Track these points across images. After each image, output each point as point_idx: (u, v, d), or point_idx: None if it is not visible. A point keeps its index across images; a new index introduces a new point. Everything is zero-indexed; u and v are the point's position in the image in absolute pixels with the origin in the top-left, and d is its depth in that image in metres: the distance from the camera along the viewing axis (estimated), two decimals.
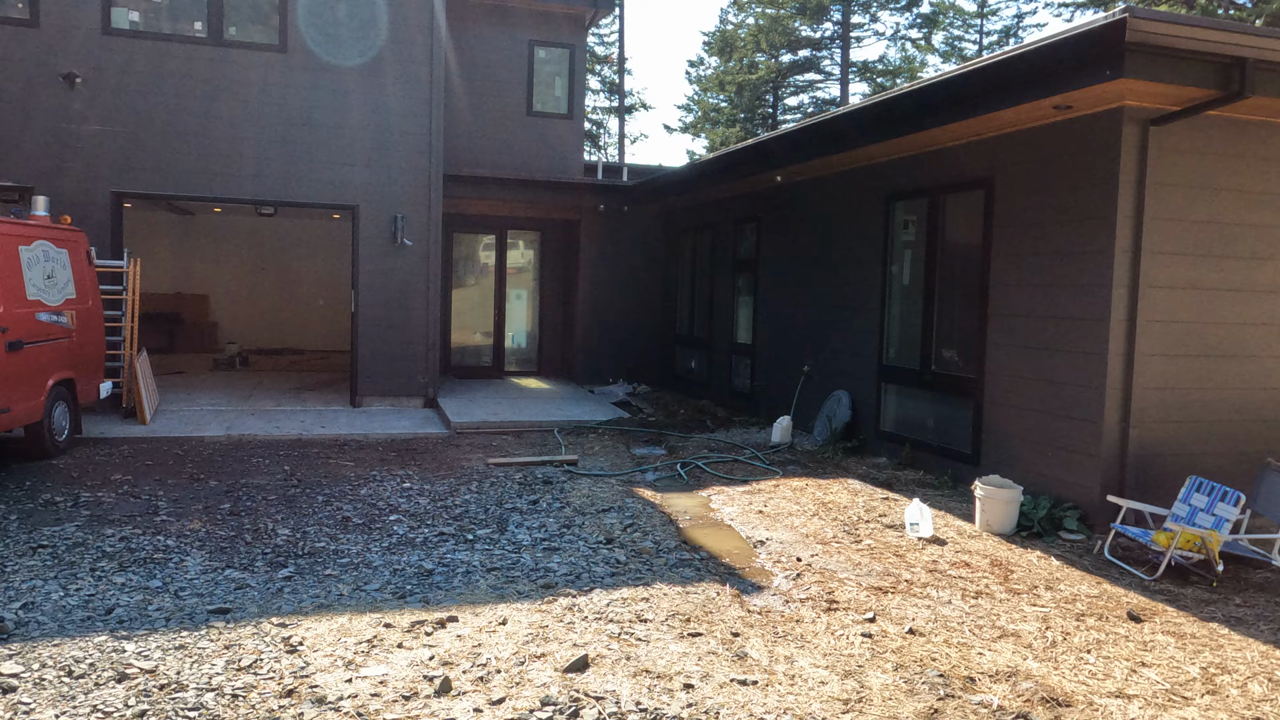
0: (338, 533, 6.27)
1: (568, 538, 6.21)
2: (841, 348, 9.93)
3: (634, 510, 6.98)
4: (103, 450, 9.06)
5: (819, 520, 6.86)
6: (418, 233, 12.38)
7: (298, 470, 8.37)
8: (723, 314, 12.89)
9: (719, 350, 13.02)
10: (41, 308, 8.40)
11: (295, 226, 18.98)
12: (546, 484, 7.96)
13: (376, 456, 9.20)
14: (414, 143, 12.28)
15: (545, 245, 15.85)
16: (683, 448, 9.75)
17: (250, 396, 12.73)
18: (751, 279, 12.11)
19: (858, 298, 9.60)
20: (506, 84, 15.39)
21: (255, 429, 10.36)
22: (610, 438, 10.37)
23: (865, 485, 8.05)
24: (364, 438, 10.34)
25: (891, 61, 45.50)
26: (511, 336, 16.05)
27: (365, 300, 12.25)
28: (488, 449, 9.65)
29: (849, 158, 9.25)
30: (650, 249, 15.24)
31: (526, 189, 14.03)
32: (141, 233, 17.52)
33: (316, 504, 7.09)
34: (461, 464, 8.82)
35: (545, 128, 15.66)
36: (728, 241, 12.75)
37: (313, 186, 11.92)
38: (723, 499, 7.56)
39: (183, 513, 6.73)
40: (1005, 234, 7.53)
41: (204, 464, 8.54)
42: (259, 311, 18.93)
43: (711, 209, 13.27)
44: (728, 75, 45.48)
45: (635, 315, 15.20)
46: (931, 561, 5.91)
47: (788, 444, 9.87)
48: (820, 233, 10.39)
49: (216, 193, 11.65)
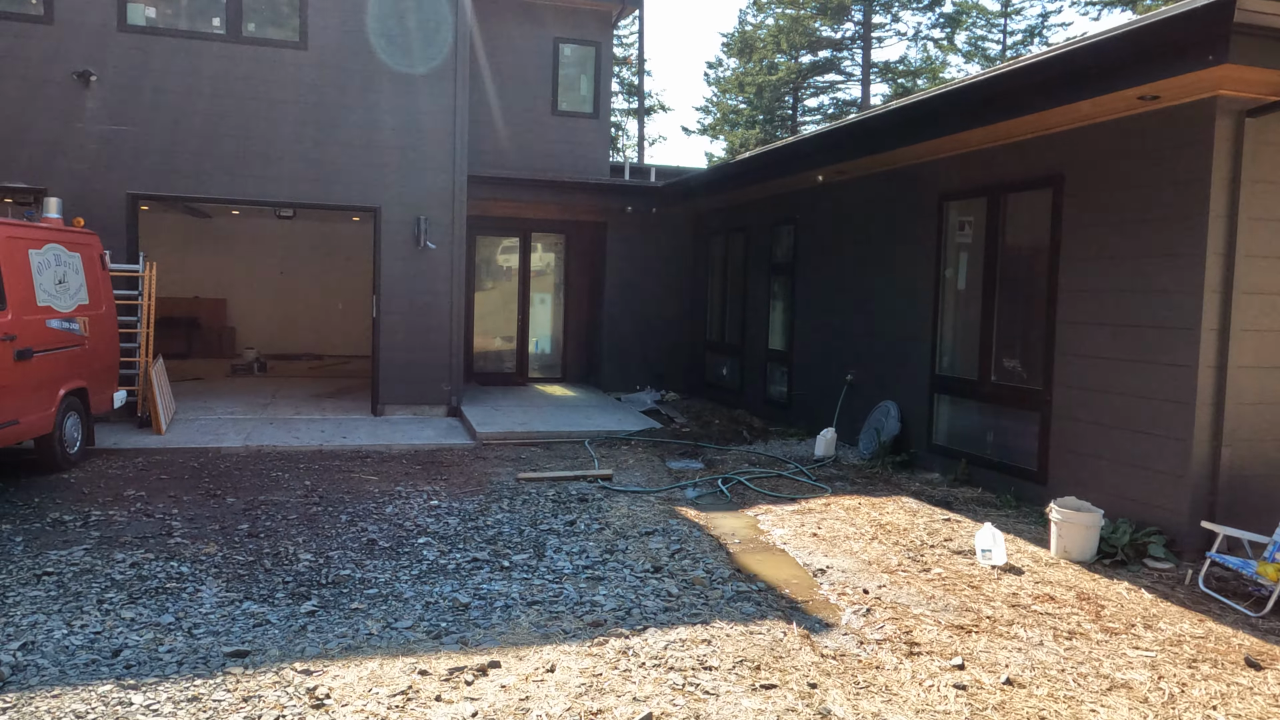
0: (363, 558, 5.82)
1: (611, 565, 5.73)
2: (888, 356, 9.41)
3: (679, 533, 6.48)
4: (116, 463, 8.67)
5: (879, 545, 6.35)
6: (441, 235, 11.95)
7: (319, 485, 7.94)
8: (756, 320, 12.39)
9: (752, 357, 12.52)
10: (52, 314, 8.02)
11: (314, 229, 18.63)
12: (582, 502, 7.48)
13: (401, 470, 8.76)
14: (438, 142, 11.86)
15: (570, 248, 15.40)
16: (721, 461, 9.25)
17: (269, 404, 12.34)
18: (788, 283, 11.61)
19: (907, 304, 9.08)
20: (531, 82, 14.97)
21: (274, 439, 9.95)
22: (644, 450, 9.89)
23: (922, 504, 7.52)
24: (386, 449, 9.91)
25: (912, 62, 44.83)
26: (535, 342, 15.60)
27: (387, 305, 11.83)
28: (516, 462, 9.19)
29: (897, 156, 8.74)
30: (678, 252, 14.76)
31: (552, 190, 13.59)
32: (159, 236, 17.22)
33: (340, 524, 6.65)
34: (490, 479, 8.37)
35: (570, 127, 15.23)
36: (762, 244, 12.25)
37: (333, 188, 11.53)
38: (771, 519, 7.06)
39: (198, 534, 6.30)
40: (1077, 235, 7.00)
41: (221, 478, 8.13)
42: (277, 316, 18.60)
43: (744, 211, 12.78)
44: (747, 76, 44.97)
45: (663, 320, 14.72)
46: (1011, 594, 5.38)
47: (832, 458, 9.35)
48: (864, 235, 9.88)
49: (235, 194, 11.27)
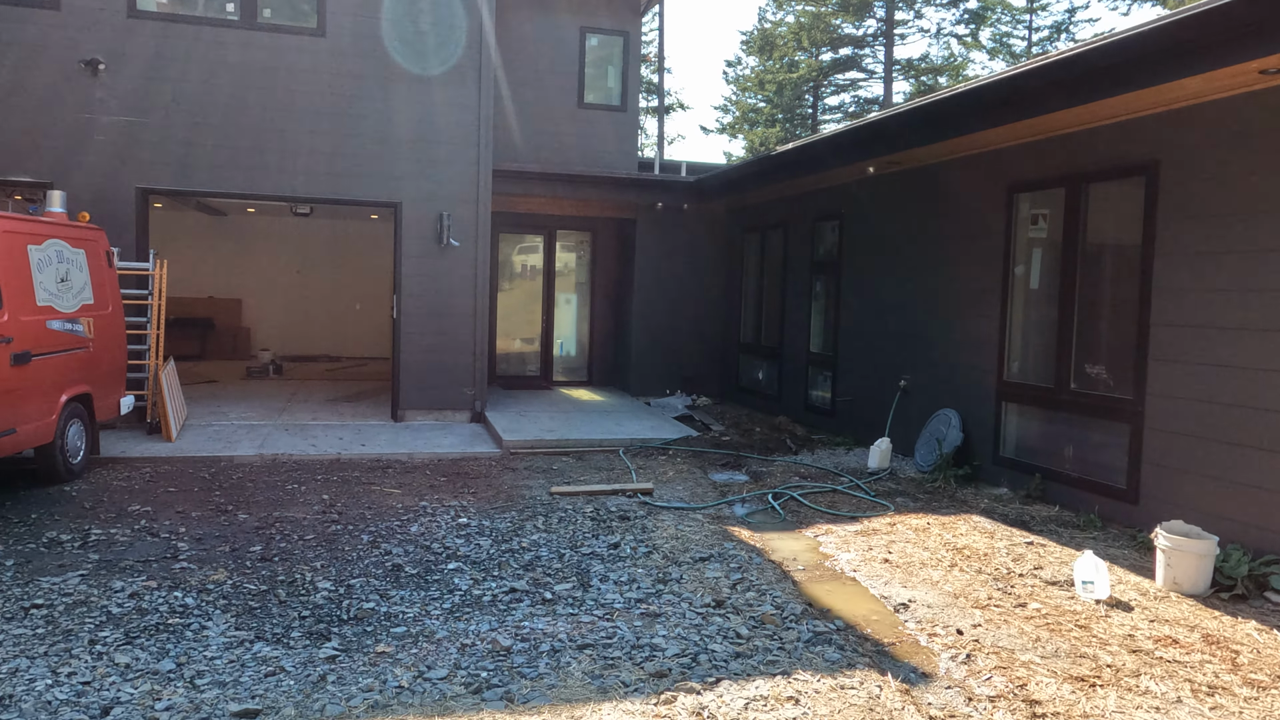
0: (388, 587, 5.21)
1: (667, 597, 5.09)
2: (947, 360, 8.73)
3: (738, 559, 5.83)
4: (122, 473, 8.11)
5: (960, 573, 5.68)
6: (465, 232, 11.36)
7: (338, 500, 7.35)
8: (796, 321, 11.72)
9: (792, 361, 11.85)
10: (54, 315, 7.47)
11: (331, 227, 18.11)
12: (624, 520, 6.85)
13: (425, 482, 8.16)
14: (461, 135, 11.27)
15: (596, 247, 14.78)
16: (768, 474, 8.60)
17: (284, 409, 11.79)
18: (832, 282, 10.94)
19: (971, 304, 8.40)
20: (556, 74, 14.36)
21: (290, 447, 9.38)
22: (682, 460, 9.24)
23: (996, 524, 6.85)
24: (408, 458, 9.32)
25: (935, 60, 44.01)
26: (560, 344, 14.99)
27: (408, 306, 11.25)
28: (547, 473, 8.57)
29: (961, 144, 8.07)
30: (711, 250, 14.11)
31: (579, 185, 12.97)
32: (172, 234, 16.74)
33: (361, 545, 6.05)
34: (521, 492, 7.75)
35: (597, 121, 14.62)
36: (803, 241, 11.59)
37: (353, 182, 10.95)
38: (834, 541, 6.40)
39: (206, 557, 5.72)
40: (1175, 228, 6.31)
41: (233, 491, 7.55)
42: (293, 317, 18.09)
43: (784, 206, 12.12)
44: (767, 74, 44.31)
45: (694, 322, 14.07)
46: (1127, 636, 4.71)
47: (887, 470, 8.68)
48: (920, 230, 9.20)
49: (249, 189, 10.72)
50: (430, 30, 11.09)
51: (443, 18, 11.12)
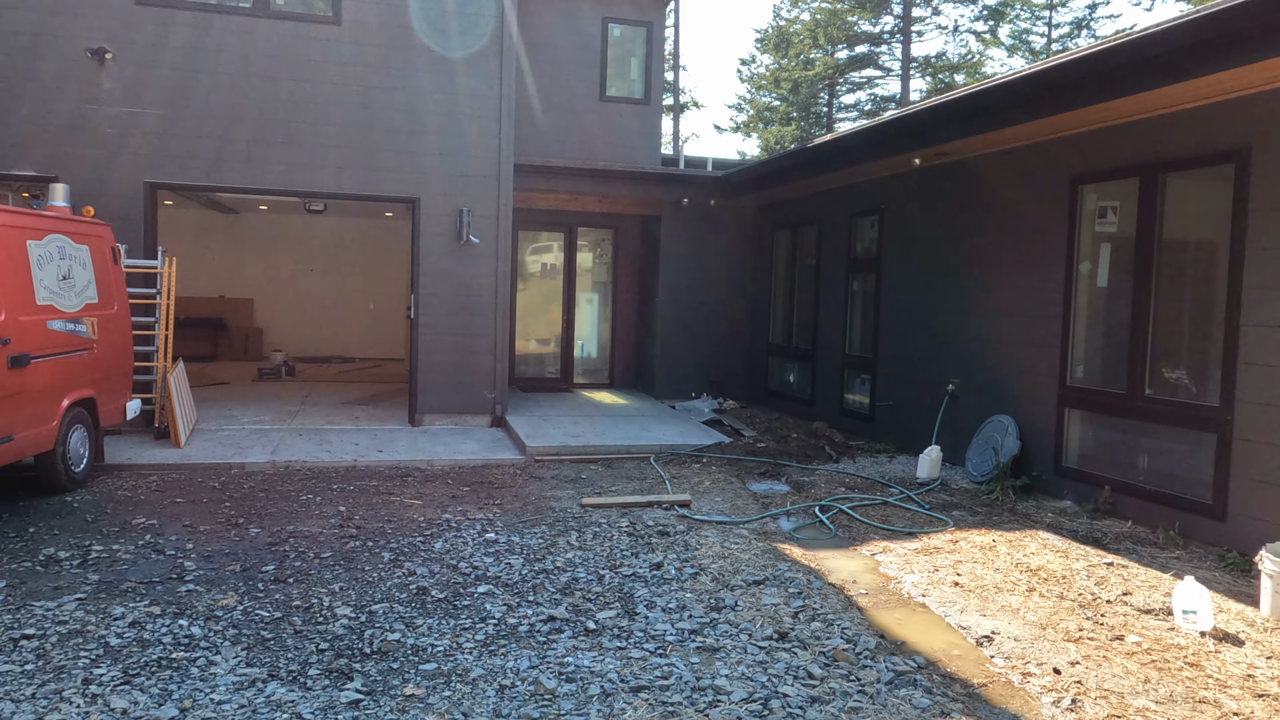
0: (414, 614, 4.73)
1: (723, 627, 4.59)
2: (1002, 364, 8.20)
3: (795, 582, 5.32)
4: (127, 482, 7.67)
5: (1041, 599, 5.15)
6: (485, 229, 10.89)
7: (356, 511, 6.88)
8: (832, 321, 11.20)
9: (827, 363, 11.33)
10: (54, 314, 7.02)
11: (345, 225, 17.69)
12: (663, 535, 6.35)
13: (446, 491, 7.68)
14: (481, 127, 10.80)
15: (619, 244, 14.29)
16: (810, 484, 8.08)
17: (298, 412, 11.34)
18: (871, 281, 10.41)
19: (1029, 304, 7.86)
20: (577, 66, 13.89)
21: (304, 453, 8.92)
22: (718, 468, 8.74)
23: (1067, 541, 6.31)
24: (428, 465, 8.85)
25: (951, 57, 43.40)
26: (580, 345, 14.50)
27: (426, 305, 10.78)
28: (576, 483, 8.08)
29: (1020, 132, 7.53)
30: (738, 248, 13.59)
31: (602, 180, 12.49)
32: (183, 233, 16.35)
33: (382, 564, 5.57)
34: (550, 504, 7.26)
35: (619, 114, 14.13)
36: (839, 238, 11.06)
37: (369, 177, 10.49)
38: (895, 561, 5.88)
39: (215, 578, 5.25)
40: (1269, 220, 5.76)
41: (244, 502, 7.09)
42: (306, 317, 17.68)
43: (818, 201, 11.59)
44: (783, 72, 43.79)
45: (720, 322, 13.56)
46: (1245, 677, 4.18)
47: (938, 480, 8.15)
48: (970, 225, 8.67)
49: (261, 184, 10.27)
50: (450, 17, 10.62)
51: (463, 4, 10.65)
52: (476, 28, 10.72)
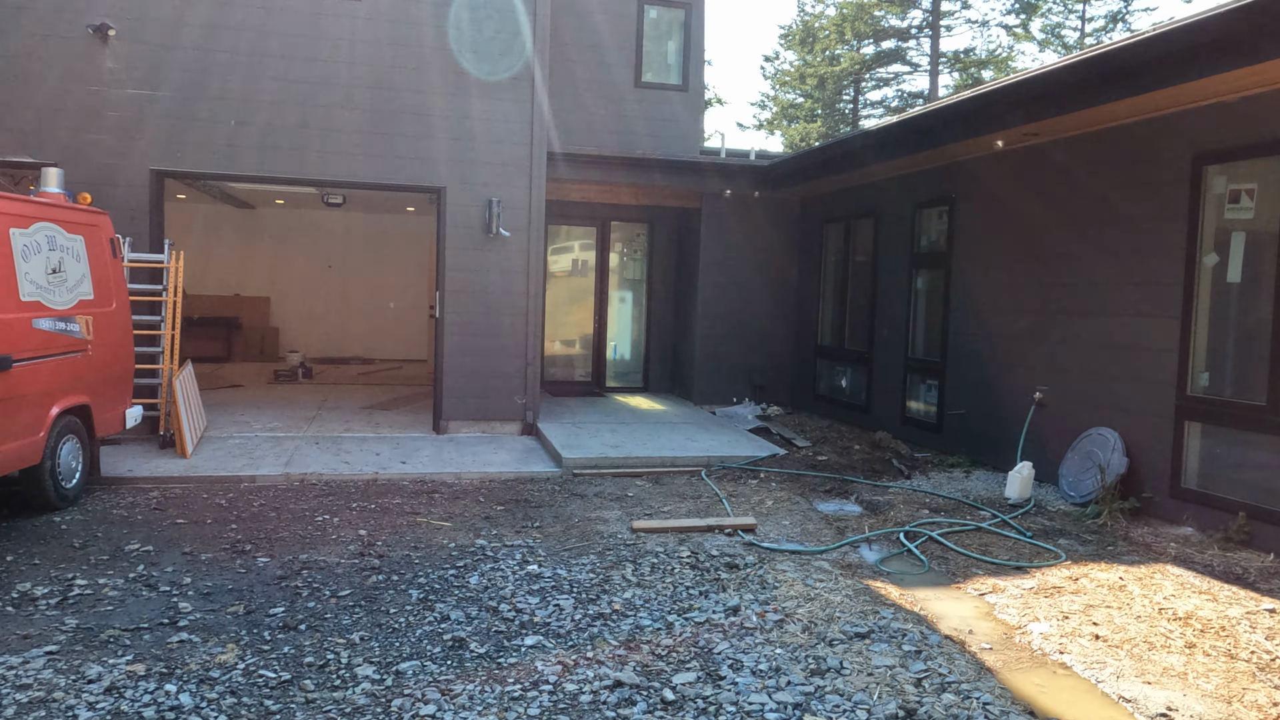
0: (451, 676, 3.88)
1: (832, 700, 3.71)
2: (1102, 369, 7.27)
3: (909, 636, 4.43)
4: (124, 498, 6.89)
5: (1205, 659, 4.24)
6: (516, 221, 10.07)
7: (378, 535, 6.06)
8: (892, 321, 10.28)
9: (885, 367, 10.41)
10: (42, 312, 6.25)
11: (365, 220, 16.94)
12: (732, 569, 5.49)
13: (478, 511, 6.85)
14: (512, 111, 9.98)
15: (655, 239, 13.42)
16: (886, 505, 7.18)
17: (314, 418, 10.56)
18: (939, 277, 9.49)
19: (1137, 302, 6.93)
20: (611, 50, 13.04)
21: (320, 465, 8.13)
22: (777, 485, 7.86)
23: (1204, 579, 5.39)
24: (456, 479, 8.03)
25: (979, 53, 42.30)
26: (614, 346, 13.65)
27: (452, 304, 9.97)
28: (622, 501, 7.23)
29: (1135, 105, 6.59)
30: (783, 243, 12.69)
31: (640, 170, 11.64)
32: (197, 228, 15.66)
33: (409, 606, 4.74)
34: (595, 527, 6.41)
35: (656, 101, 13.28)
36: (900, 230, 10.14)
37: (392, 165, 9.69)
38: (1012, 604, 4.98)
39: (214, 623, 4.43)
40: None
41: (253, 523, 6.29)
42: (324, 316, 16.94)
43: (875, 191, 10.68)
44: (808, 68, 42.96)
45: (763, 323, 12.67)
46: None
47: (1030, 501, 7.23)
48: (1063, 213, 7.74)
49: (276, 171, 9.49)
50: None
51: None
52: (506, 4, 9.89)
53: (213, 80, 9.17)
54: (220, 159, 9.27)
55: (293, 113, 9.38)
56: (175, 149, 9.14)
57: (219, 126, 9.21)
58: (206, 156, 9.24)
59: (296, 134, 9.40)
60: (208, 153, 9.23)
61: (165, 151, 9.11)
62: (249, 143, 9.30)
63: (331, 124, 9.48)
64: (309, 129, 9.43)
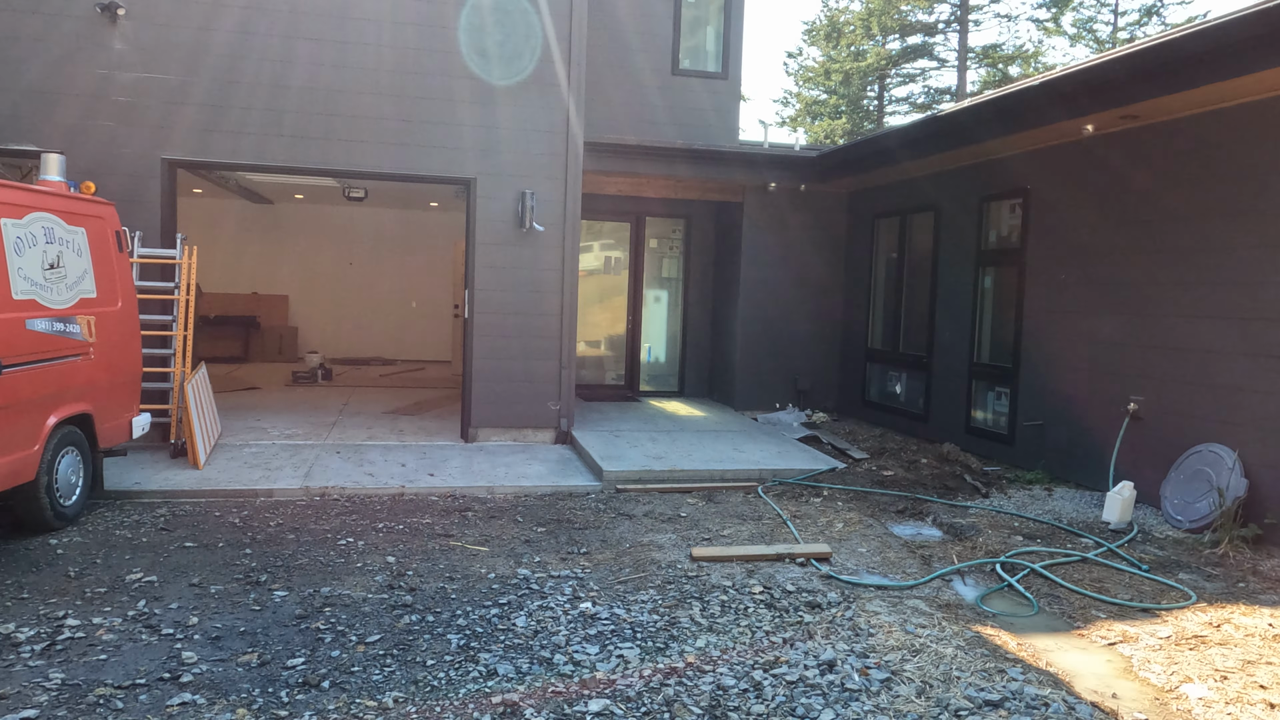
0: None
1: None
2: (1212, 379, 6.50)
3: (1052, 707, 3.68)
4: (130, 516, 6.26)
5: None
6: (550, 214, 9.39)
7: (408, 563, 5.40)
8: (954, 324, 9.53)
9: (946, 372, 9.65)
10: (38, 311, 5.63)
11: (386, 217, 16.33)
12: (813, 608, 4.78)
13: (517, 533, 6.18)
14: (546, 96, 9.30)
15: (692, 235, 12.71)
16: (969, 528, 6.44)
17: (335, 424, 9.93)
18: (1010, 275, 8.73)
19: (1259, 303, 6.16)
20: (645, 35, 12.36)
21: (342, 477, 7.49)
22: (843, 504, 7.14)
23: None
24: (488, 494, 7.37)
25: (1005, 49, 41.36)
26: (648, 349, 12.96)
27: (482, 302, 9.30)
28: (675, 522, 6.53)
29: (1262, 81, 5.82)
30: (830, 239, 11.95)
31: (684, 161, 10.94)
32: (214, 224, 15.13)
33: (448, 654, 4.06)
34: (650, 554, 5.72)
35: (692, 90, 12.58)
36: (964, 225, 9.39)
37: (419, 154, 9.04)
38: (1152, 658, 4.24)
39: (222, 678, 3.77)
40: None
41: (269, 547, 5.64)
42: (344, 315, 16.34)
43: (936, 183, 9.93)
44: (833, 63, 42.29)
45: (809, 324, 11.94)
46: None
47: (1133, 526, 6.47)
48: (1164, 205, 6.97)
49: (300, 162, 8.84)
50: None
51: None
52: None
53: (229, 63, 8.55)
54: (238, 147, 8.65)
55: (318, 98, 8.74)
56: (188, 137, 8.52)
57: (235, 112, 8.59)
58: (223, 145, 8.61)
59: (321, 122, 8.76)
60: (225, 140, 8.60)
61: (177, 139, 8.50)
62: (269, 130, 8.67)
63: (358, 110, 8.83)
64: (335, 115, 8.79)
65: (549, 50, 9.24)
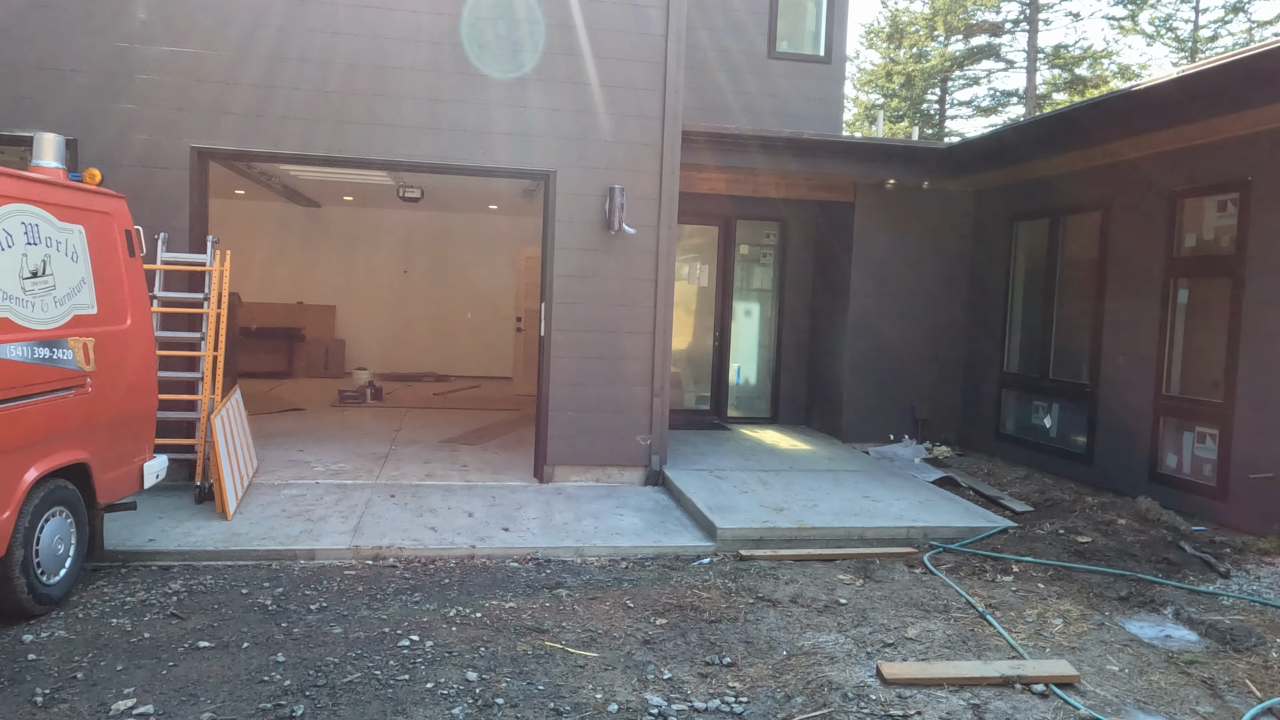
0: None
1: None
2: None
3: None
4: (134, 593, 4.89)
5: None
6: (642, 215, 7.92)
7: (494, 682, 3.91)
8: (1133, 345, 7.82)
9: (1121, 405, 7.94)
10: (12, 333, 4.27)
11: (440, 220, 15.03)
12: None
13: (630, 628, 4.67)
14: (637, 76, 7.84)
15: (789, 240, 11.13)
16: (1241, 631, 4.76)
17: (388, 456, 8.56)
18: (1218, 287, 7.03)
19: None
20: (738, 12, 10.88)
21: (399, 533, 6.07)
22: (1044, 584, 5.50)
23: None
24: (579, 558, 5.90)
25: (1072, 50, 39.18)
26: (736, 369, 11.40)
27: (561, 318, 7.85)
28: (834, 612, 4.97)
29: None
30: (955, 244, 10.29)
31: (792, 153, 9.39)
32: (257, 229, 13.96)
33: None
34: (820, 669, 4.17)
35: (791, 75, 11.09)
36: (1151, 227, 7.69)
37: (483, 142, 7.63)
38: None
39: None
40: None
41: (308, 650, 4.20)
42: (394, 327, 15.06)
43: (1103, 177, 8.24)
44: (895, 65, 40.75)
45: (926, 343, 10.28)
46: None
47: None
48: None
49: (345, 151, 7.48)
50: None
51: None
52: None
53: (267, 37, 7.23)
54: (277, 135, 7.31)
55: (366, 77, 7.38)
56: (222, 123, 7.20)
57: (276, 95, 7.26)
58: (259, 133, 7.28)
59: (371, 104, 7.40)
60: (262, 128, 7.27)
61: (209, 126, 7.19)
62: (313, 115, 7.33)
63: (414, 91, 7.46)
64: (386, 97, 7.43)
65: (647, 19, 7.78)
